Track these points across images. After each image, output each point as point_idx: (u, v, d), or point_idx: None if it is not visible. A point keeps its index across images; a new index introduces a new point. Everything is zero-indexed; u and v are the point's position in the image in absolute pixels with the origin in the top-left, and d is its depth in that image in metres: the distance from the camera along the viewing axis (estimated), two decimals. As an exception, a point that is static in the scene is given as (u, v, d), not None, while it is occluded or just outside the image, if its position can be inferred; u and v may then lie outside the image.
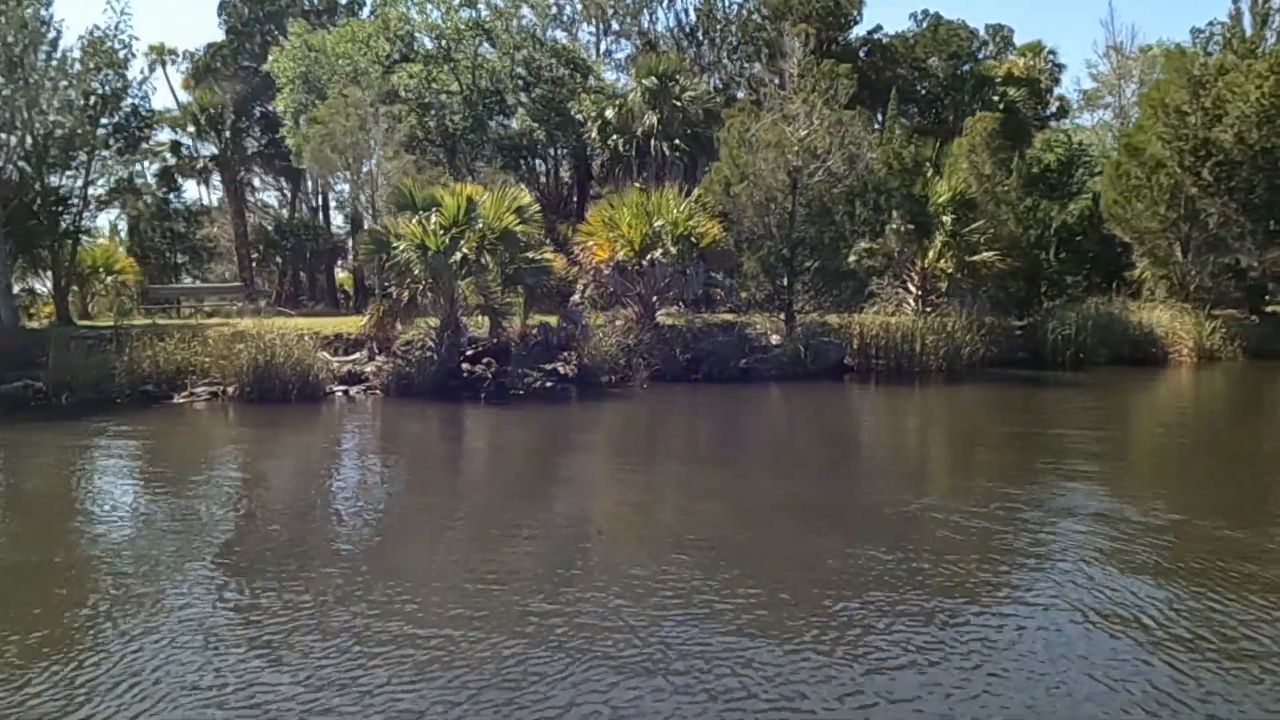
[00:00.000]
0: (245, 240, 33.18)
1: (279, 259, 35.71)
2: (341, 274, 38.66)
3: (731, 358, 21.05)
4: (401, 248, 17.51)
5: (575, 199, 35.73)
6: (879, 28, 37.12)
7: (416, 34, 27.97)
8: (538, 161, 33.22)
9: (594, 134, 32.19)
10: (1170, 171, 26.46)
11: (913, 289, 25.95)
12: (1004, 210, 25.56)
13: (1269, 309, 30.30)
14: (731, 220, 21.76)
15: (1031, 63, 45.80)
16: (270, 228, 36.10)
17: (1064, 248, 33.31)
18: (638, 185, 24.10)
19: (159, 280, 31.82)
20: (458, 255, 17.59)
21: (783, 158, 21.57)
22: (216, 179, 34.58)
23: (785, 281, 22.21)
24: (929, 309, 25.06)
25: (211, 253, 36.63)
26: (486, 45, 29.70)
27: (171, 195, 33.47)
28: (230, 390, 17.06)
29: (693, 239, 21.27)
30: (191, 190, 48.33)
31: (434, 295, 18.17)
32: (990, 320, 25.28)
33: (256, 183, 38.55)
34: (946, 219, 25.28)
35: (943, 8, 66.23)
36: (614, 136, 32.07)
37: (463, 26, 28.44)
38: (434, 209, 17.94)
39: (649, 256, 20.80)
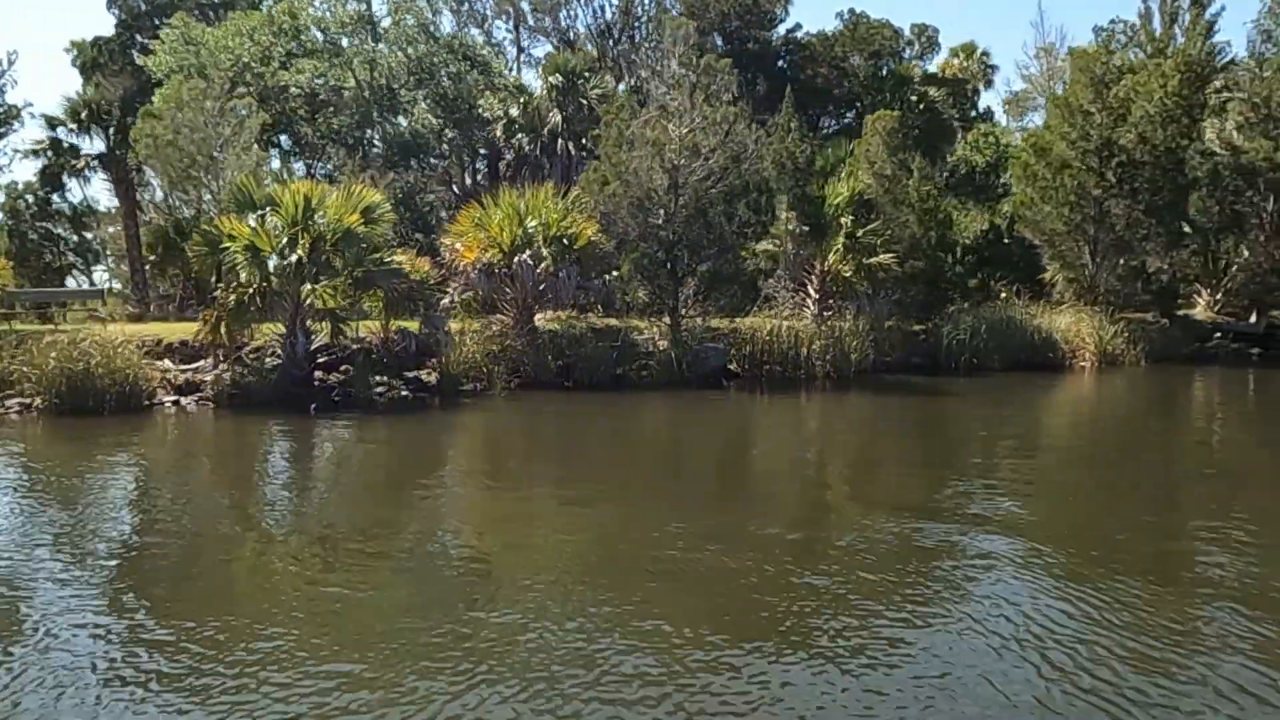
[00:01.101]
0: (136, 242, 31.86)
1: (181, 262, 34.29)
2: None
3: (605, 364, 20.14)
4: (232, 249, 16.44)
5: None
6: (798, 26, 36.45)
7: (303, 28, 26.85)
8: (440, 161, 32.18)
9: (499, 132, 31.24)
10: (1074, 172, 25.92)
11: (813, 292, 25.20)
12: (904, 211, 24.85)
13: (1181, 312, 29.90)
14: (610, 221, 20.85)
15: (964, 64, 45.47)
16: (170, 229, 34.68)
17: (989, 249, 32.94)
18: (522, 187, 23.09)
19: (40, 284, 30.43)
20: (294, 257, 16.53)
21: (660, 156, 20.71)
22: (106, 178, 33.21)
23: (669, 285, 21.31)
24: (829, 313, 24.34)
25: (99, 255, 35.19)
26: (382, 41, 28.66)
27: (55, 195, 32.06)
28: (39, 402, 15.89)
29: (565, 240, 20.33)
30: (90, 190, 46.67)
31: (273, 299, 17.09)
32: (891, 325, 24.65)
33: (158, 182, 37.09)
34: (845, 220, 24.58)
35: (874, 8, 66.13)
36: (519, 135, 31.13)
37: (348, 20, 27.41)
38: (269, 208, 16.89)
39: (517, 259, 19.84)
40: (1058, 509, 10.26)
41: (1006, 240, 30.95)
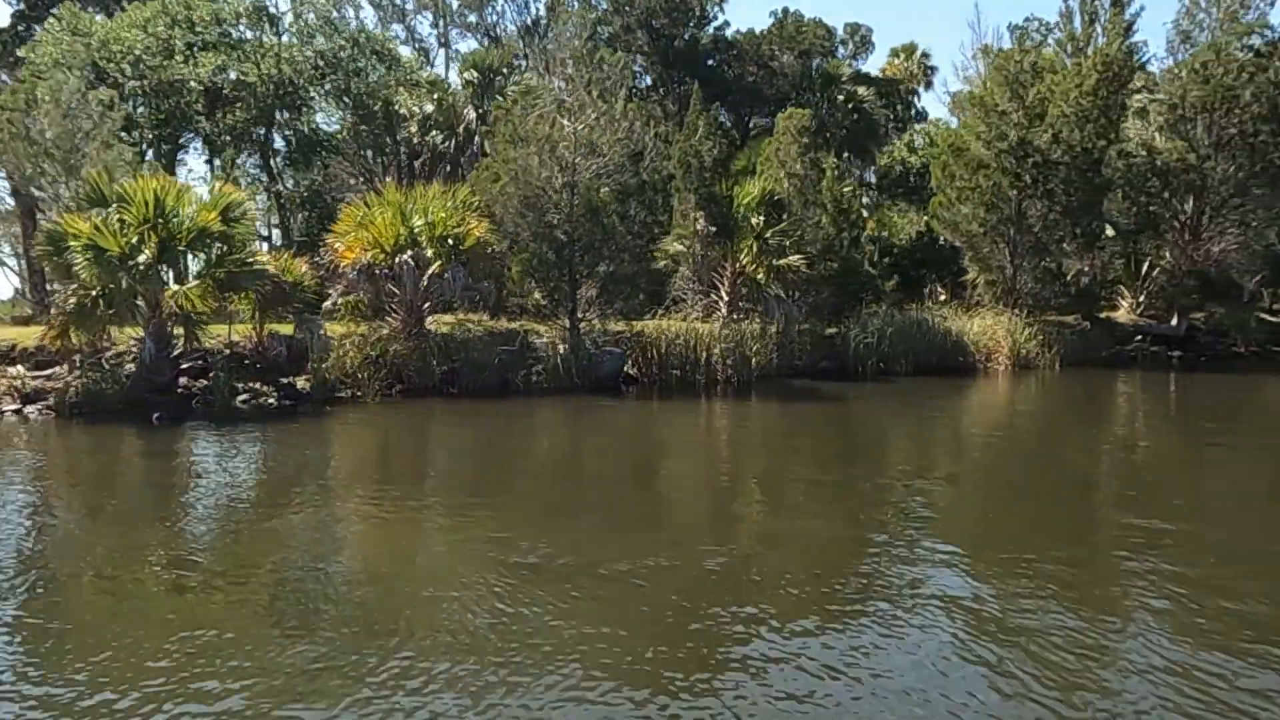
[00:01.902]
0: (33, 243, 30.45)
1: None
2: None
3: (491, 369, 19.34)
4: (73, 248, 15.44)
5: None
6: (726, 24, 35.87)
7: (198, 20, 25.74)
8: (352, 159, 31.21)
9: (414, 130, 30.32)
10: (990, 173, 25.51)
11: (725, 294, 24.55)
12: (816, 212, 24.31)
13: (1104, 314, 29.63)
14: (501, 221, 20.06)
15: (904, 64, 45.20)
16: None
17: (922, 251, 32.55)
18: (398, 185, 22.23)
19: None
20: (142, 257, 15.57)
21: (553, 153, 19.95)
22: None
23: (565, 287, 20.54)
24: (740, 316, 23.71)
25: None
26: (286, 33, 27.66)
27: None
28: None
29: (451, 240, 19.50)
30: None
31: (125, 301, 16.10)
32: (804, 328, 24.08)
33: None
34: (756, 221, 23.98)
35: (814, 8, 65.73)
36: (434, 133, 30.23)
37: (243, 12, 26.35)
38: (117, 204, 15.91)
39: (398, 259, 18.99)
40: (949, 520, 9.62)
41: (941, 242, 30.61)
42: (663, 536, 8.93)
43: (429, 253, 19.34)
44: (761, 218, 23.87)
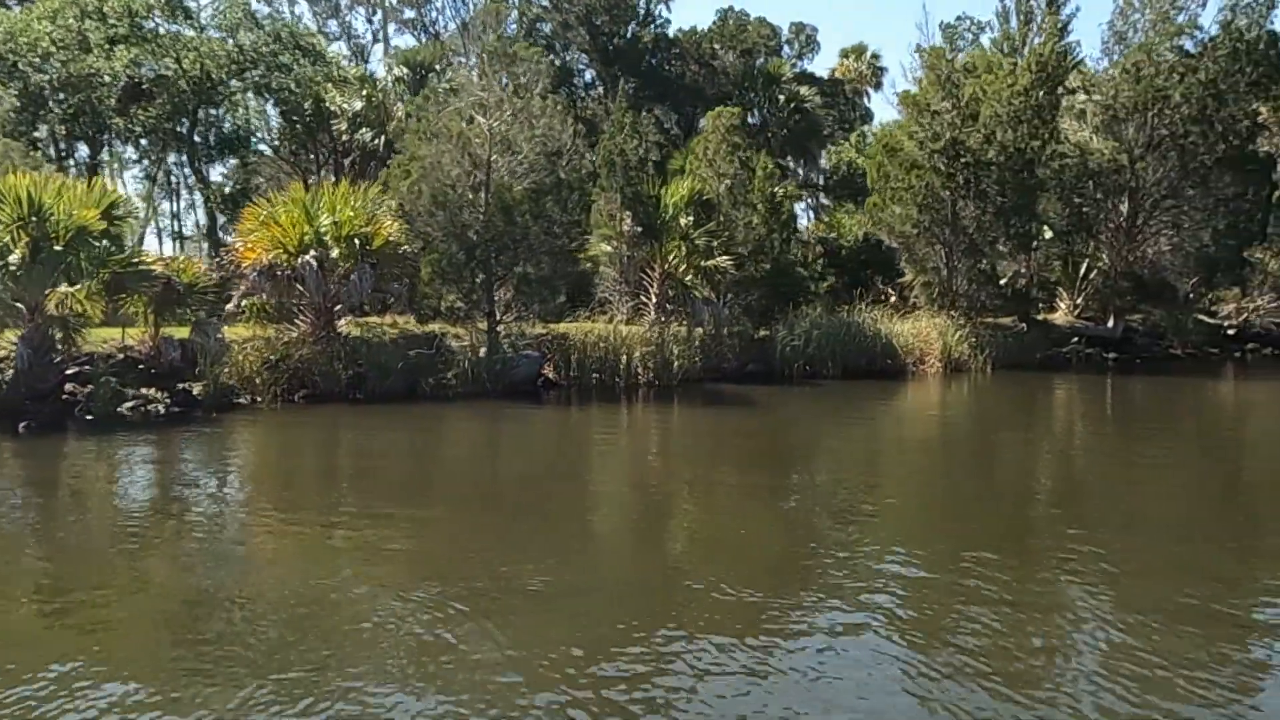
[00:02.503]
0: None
1: None
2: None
3: (399, 374, 18.66)
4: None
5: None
6: (666, 21, 35.35)
7: (109, 12, 24.77)
8: (275, 155, 30.36)
9: (343, 127, 29.55)
10: (922, 173, 25.21)
11: (653, 296, 24.03)
12: (746, 212, 23.84)
13: (1042, 316, 29.47)
14: (411, 220, 19.39)
15: (853, 65, 44.95)
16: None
17: (868, 253, 32.22)
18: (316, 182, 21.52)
19: None
20: (13, 257, 14.77)
21: (465, 150, 19.33)
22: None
23: (481, 288, 19.90)
24: (666, 318, 23.21)
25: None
26: (207, 29, 26.77)
27: None
28: None
29: (358, 240, 18.81)
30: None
31: (-1, 304, 15.29)
32: (734, 330, 23.63)
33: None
34: (684, 221, 23.49)
35: (766, 8, 65.40)
36: (363, 130, 29.48)
37: (155, 3, 25.42)
38: (-13, 202, 15.07)
39: (300, 259, 18.27)
40: (873, 527, 9.15)
41: (887, 244, 30.28)
42: (589, 549, 8.59)
43: (335, 253, 18.63)
44: (690, 218, 23.39)
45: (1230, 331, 31.99)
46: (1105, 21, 27.82)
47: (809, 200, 41.20)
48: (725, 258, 22.85)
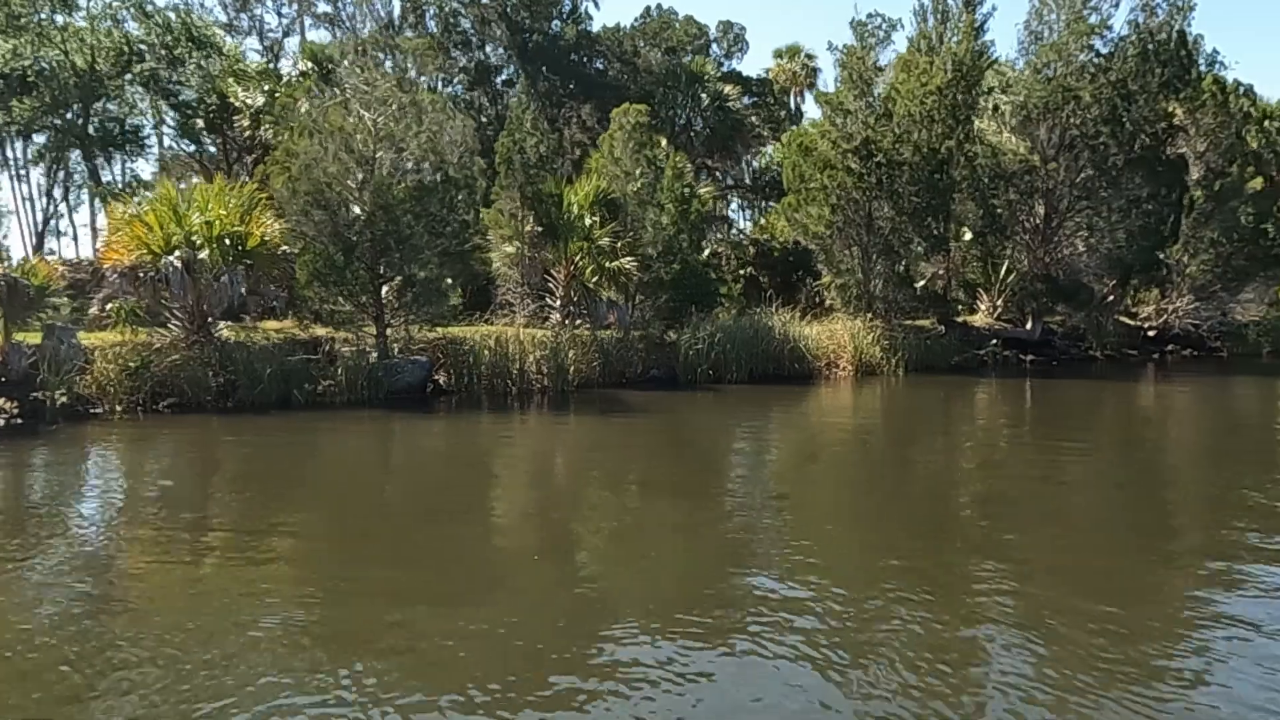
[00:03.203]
0: None
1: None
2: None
3: (271, 381, 17.69)
4: None
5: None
6: (588, 17, 34.60)
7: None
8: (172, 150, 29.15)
9: (245, 123, 28.40)
10: (835, 173, 24.74)
11: (558, 298, 23.31)
12: (652, 212, 23.19)
13: (963, 318, 29.22)
14: (287, 219, 18.45)
15: (787, 65, 44.59)
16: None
17: (797, 255, 31.77)
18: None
19: None
20: None
21: (345, 145, 18.43)
22: None
23: (365, 290, 18.99)
24: (569, 321, 22.50)
25: None
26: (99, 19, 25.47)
27: None
28: None
29: (229, 240, 17.84)
30: None
31: None
32: (640, 334, 22.98)
33: None
34: (589, 222, 22.80)
35: (702, 8, 64.78)
36: (265, 126, 28.34)
37: (34, -10, 24.24)
38: None
39: (163, 260, 17.26)
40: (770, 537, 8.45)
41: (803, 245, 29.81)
42: (476, 577, 7.83)
43: (204, 254, 17.63)
44: (596, 218, 22.71)
45: (1150, 333, 32.07)
46: (1021, 21, 27.57)
47: (741, 201, 40.77)
48: (629, 259, 22.20)
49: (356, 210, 18.36)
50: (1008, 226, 26.64)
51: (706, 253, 40.46)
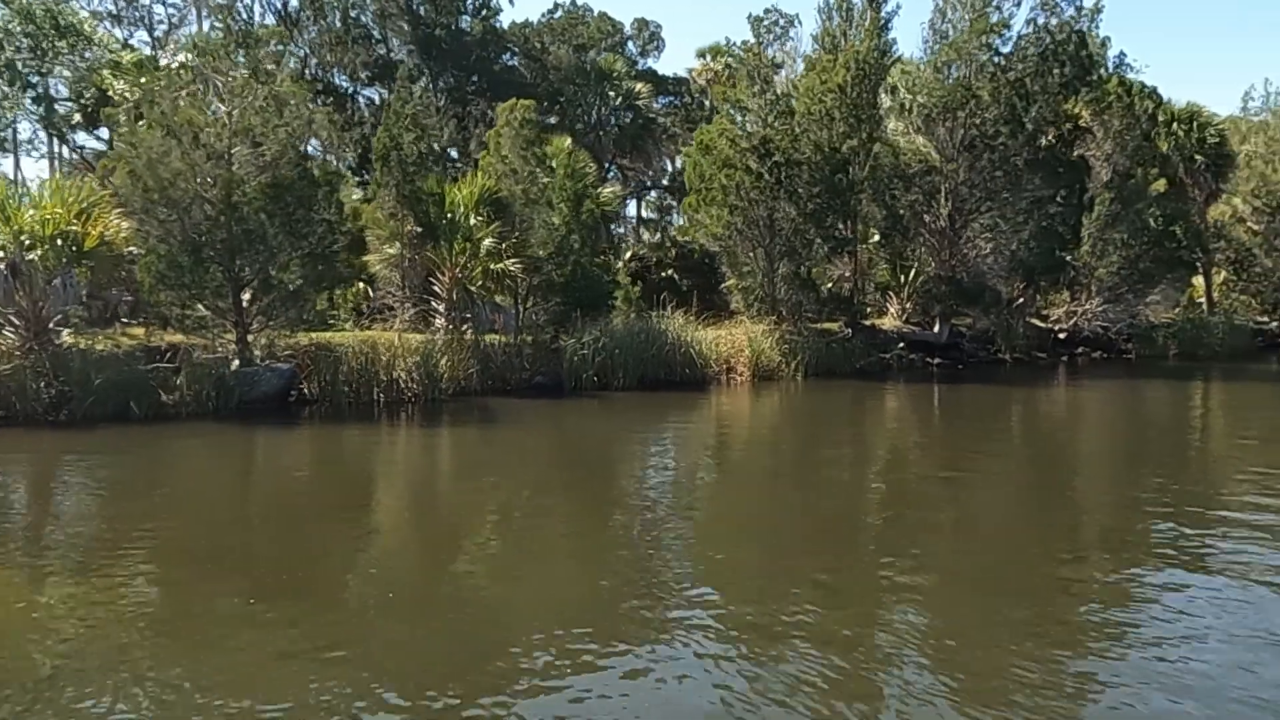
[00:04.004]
0: None
1: None
2: None
3: (105, 392, 16.40)
4: None
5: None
6: (495, 12, 33.54)
7: None
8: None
9: (122, 119, 26.87)
10: (733, 173, 24.05)
11: (442, 302, 22.26)
12: (542, 212, 22.27)
13: (871, 321, 28.74)
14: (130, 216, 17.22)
15: (711, 65, 43.99)
16: None
17: (714, 259, 31.08)
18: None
19: None
20: None
21: (196, 139, 17.24)
22: None
23: (212, 295, 17.79)
24: (452, 326, 21.48)
25: None
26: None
27: None
28: None
29: (62, 240, 16.55)
30: None
31: None
32: (531, 339, 22.06)
33: None
34: (473, 222, 21.81)
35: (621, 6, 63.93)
36: (142, 121, 26.88)
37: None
38: None
39: (-15, 262, 15.93)
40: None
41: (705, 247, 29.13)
42: (342, 606, 7.14)
43: (34, 255, 16.33)
44: (481, 218, 21.73)
45: (1061, 336, 31.96)
46: (926, 20, 27.17)
47: (659, 202, 40.05)
48: (514, 261, 21.26)
49: (204, 209, 17.17)
50: (911, 228, 26.18)
51: (628, 255, 39.99)
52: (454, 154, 30.54)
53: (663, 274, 36.15)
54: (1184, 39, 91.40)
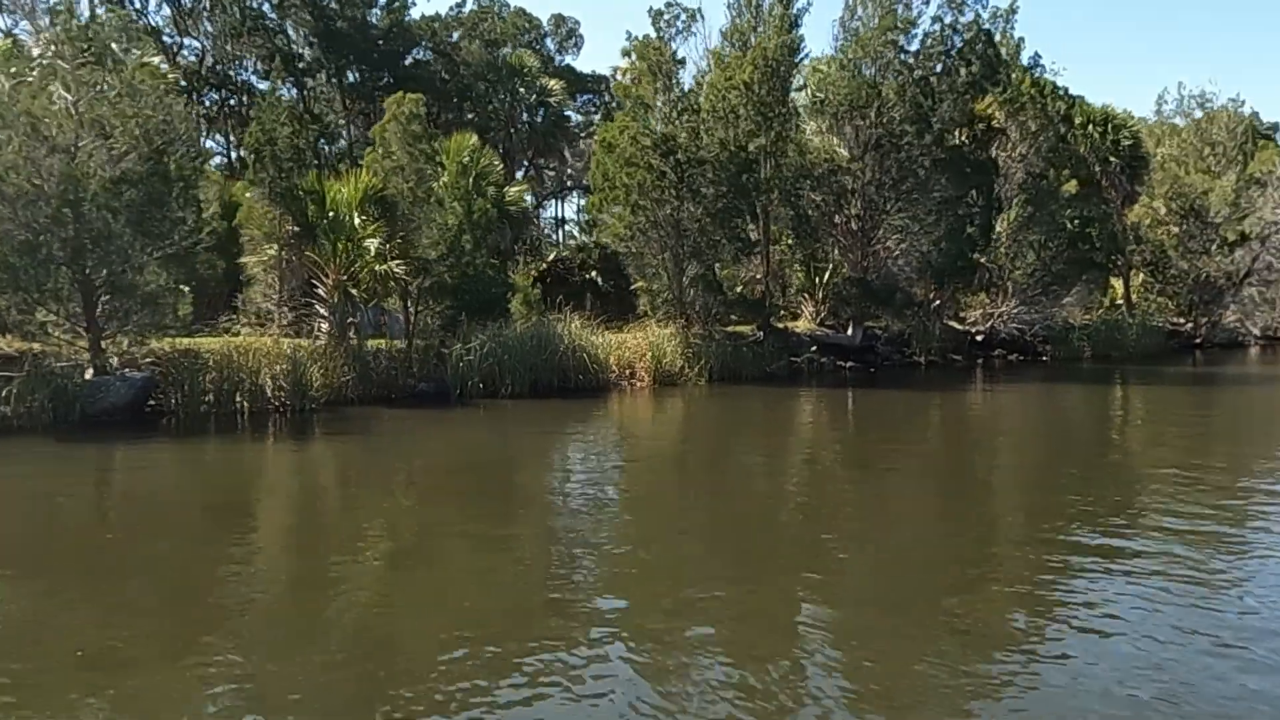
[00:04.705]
0: None
1: None
2: None
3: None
4: None
5: None
6: (403, 5, 32.33)
7: None
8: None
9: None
10: (634, 171, 23.27)
11: (324, 306, 21.13)
12: (432, 211, 21.25)
13: (783, 325, 28.17)
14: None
15: (637, 63, 43.18)
16: None
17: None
18: None
19: None
20: None
21: (35, 132, 15.97)
22: None
23: (54, 296, 16.50)
24: (335, 331, 20.36)
25: None
26: None
27: None
28: None
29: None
30: None
31: None
32: (423, 344, 21.04)
33: None
34: (360, 221, 20.72)
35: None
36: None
37: None
38: None
39: None
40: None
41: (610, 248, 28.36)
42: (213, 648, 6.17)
43: None
44: (367, 217, 20.66)
45: (978, 338, 31.74)
46: (837, 18, 26.67)
47: (582, 202, 39.15)
48: (398, 262, 20.23)
49: (43, 206, 15.90)
50: (820, 228, 25.64)
51: (551, 256, 39.07)
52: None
53: (586, 276, 35.36)
54: (1102, 43, 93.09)
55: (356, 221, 20.67)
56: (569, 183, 37.51)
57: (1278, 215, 36.26)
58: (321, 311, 20.92)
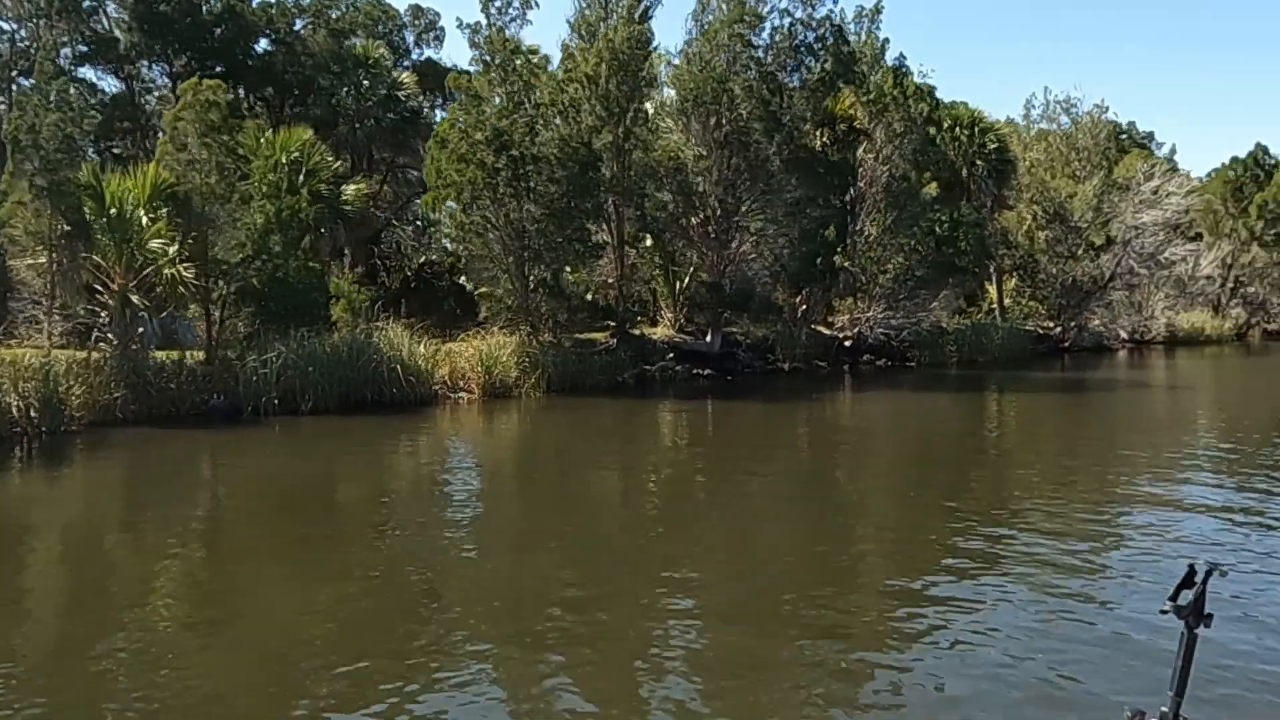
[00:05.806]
0: None
1: None
2: None
3: None
4: None
5: None
6: (243, -10, 29.94)
7: None
8: None
9: None
10: (465, 169, 21.66)
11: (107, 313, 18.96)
12: (233, 209, 19.28)
13: (639, 331, 26.89)
14: None
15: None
16: None
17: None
18: None
19: None
20: None
21: None
22: None
23: None
24: (124, 340, 18.24)
25: None
26: None
27: None
28: None
29: None
30: None
31: None
32: (224, 356, 19.06)
33: None
34: (144, 220, 18.65)
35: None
36: None
37: None
38: None
39: None
40: None
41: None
42: None
43: None
44: (151, 216, 18.60)
45: (847, 343, 31.02)
46: (690, 12, 25.56)
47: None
48: (187, 265, 18.24)
49: None
50: (669, 230, 24.44)
51: (421, 260, 37.09)
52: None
53: (454, 280, 33.54)
54: (970, 45, 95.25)
55: (144, 220, 18.62)
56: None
57: (1139, 219, 36.65)
58: (103, 319, 18.75)
